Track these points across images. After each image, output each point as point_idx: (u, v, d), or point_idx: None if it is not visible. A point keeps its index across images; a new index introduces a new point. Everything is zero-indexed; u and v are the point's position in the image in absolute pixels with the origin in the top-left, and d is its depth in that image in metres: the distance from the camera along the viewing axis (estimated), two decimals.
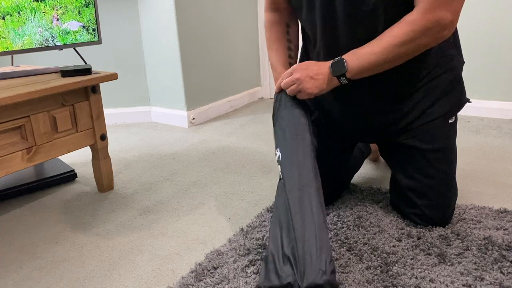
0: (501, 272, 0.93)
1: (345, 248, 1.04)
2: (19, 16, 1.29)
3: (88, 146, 1.42)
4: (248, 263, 1.00)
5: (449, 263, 0.97)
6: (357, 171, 1.44)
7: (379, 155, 1.61)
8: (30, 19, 1.31)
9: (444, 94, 1.11)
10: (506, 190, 1.33)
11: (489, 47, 2.03)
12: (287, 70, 1.12)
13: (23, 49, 1.33)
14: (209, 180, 1.54)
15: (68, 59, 2.18)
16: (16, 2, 1.28)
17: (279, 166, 1.01)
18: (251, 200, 1.36)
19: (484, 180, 1.42)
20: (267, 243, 0.97)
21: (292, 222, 0.89)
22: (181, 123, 2.25)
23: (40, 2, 1.32)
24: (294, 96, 1.08)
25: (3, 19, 1.26)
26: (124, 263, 1.07)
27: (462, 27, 2.04)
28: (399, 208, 1.17)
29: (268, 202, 1.34)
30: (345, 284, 0.92)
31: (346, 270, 0.96)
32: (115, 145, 1.99)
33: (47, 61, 2.18)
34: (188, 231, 1.21)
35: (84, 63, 1.47)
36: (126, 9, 2.20)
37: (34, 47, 1.35)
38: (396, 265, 0.97)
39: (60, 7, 1.36)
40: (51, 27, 1.36)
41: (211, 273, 0.98)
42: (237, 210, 1.31)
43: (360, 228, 1.13)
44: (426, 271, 0.95)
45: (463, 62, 1.15)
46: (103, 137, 1.43)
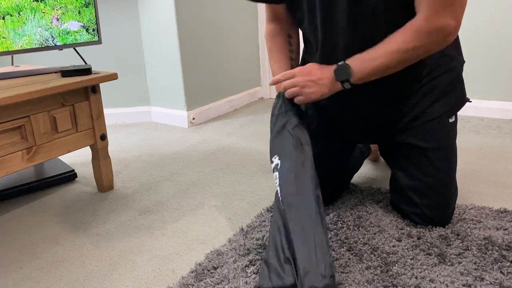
0: (501, 272, 0.93)
1: (345, 248, 1.04)
2: (19, 16, 1.29)
3: (88, 146, 1.42)
4: (248, 263, 1.00)
5: (449, 263, 0.97)
6: (357, 171, 1.44)
7: (379, 155, 1.61)
8: (30, 19, 1.31)
9: (445, 94, 1.11)
10: (506, 190, 1.33)
11: (489, 47, 2.03)
12: None
13: (23, 49, 1.33)
14: (209, 180, 1.54)
15: (68, 59, 2.18)
16: (16, 2, 1.28)
17: (276, 173, 0.98)
18: (251, 200, 1.36)
19: (484, 180, 1.42)
20: (267, 244, 0.97)
21: (291, 231, 0.89)
22: (181, 123, 2.25)
23: (40, 2, 1.32)
24: (293, 101, 1.08)
25: (3, 19, 1.26)
26: (124, 263, 1.07)
27: (462, 27, 2.03)
28: (399, 208, 1.17)
29: (268, 202, 1.34)
30: (345, 284, 0.92)
31: (346, 270, 0.96)
32: (115, 145, 1.99)
33: (47, 61, 2.18)
34: (188, 231, 1.21)
35: (84, 63, 1.47)
36: (126, 9, 2.20)
37: (34, 47, 1.35)
38: (396, 265, 0.97)
39: (60, 7, 1.36)
40: (51, 27, 1.36)
41: (211, 273, 0.98)
42: (237, 210, 1.31)
43: (360, 228, 1.13)
44: (426, 271, 0.95)
45: (463, 62, 1.15)
46: (103, 137, 1.43)
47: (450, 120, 1.13)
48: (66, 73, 1.33)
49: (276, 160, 1.00)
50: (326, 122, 1.29)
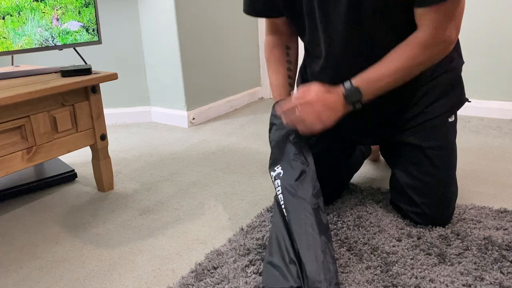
0: (501, 272, 0.93)
1: (345, 248, 1.04)
2: (19, 16, 1.29)
3: (88, 146, 1.42)
4: (248, 263, 1.00)
5: (449, 263, 0.97)
6: (357, 171, 1.44)
7: (379, 155, 1.61)
8: (30, 19, 1.31)
9: (444, 94, 1.12)
10: (506, 190, 1.33)
11: (489, 47, 2.03)
12: (285, 90, 1.14)
13: (23, 49, 1.33)
14: (209, 180, 1.54)
15: (68, 59, 2.18)
16: (16, 2, 1.28)
17: (278, 181, 1.01)
18: (251, 200, 1.36)
19: (484, 180, 1.42)
20: (268, 244, 0.97)
21: (294, 236, 0.91)
22: (181, 123, 2.25)
23: (40, 2, 1.32)
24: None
25: (3, 19, 1.26)
26: (124, 263, 1.07)
27: (462, 27, 2.03)
28: (399, 207, 1.17)
29: (268, 202, 1.34)
30: (345, 284, 0.92)
31: (346, 270, 0.96)
32: (115, 145, 1.99)
33: (47, 61, 2.18)
34: (188, 231, 1.21)
35: (84, 63, 1.47)
36: (126, 9, 2.20)
37: (34, 47, 1.35)
38: (396, 265, 0.97)
39: (60, 7, 1.36)
40: (51, 27, 1.36)
41: (211, 273, 0.98)
42: (237, 210, 1.31)
43: (360, 228, 1.13)
44: (426, 271, 0.95)
45: (463, 63, 1.16)
46: (103, 137, 1.43)
47: (450, 120, 1.13)
48: (66, 73, 1.33)
49: (278, 169, 1.03)
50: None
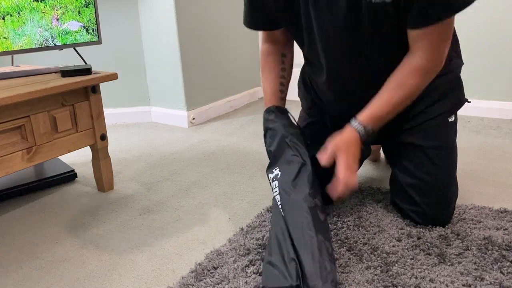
0: (501, 272, 0.93)
1: (345, 248, 1.04)
2: (19, 16, 1.29)
3: (88, 146, 1.42)
4: (248, 263, 1.00)
5: (449, 263, 0.97)
6: (356, 171, 1.44)
7: (379, 155, 1.61)
8: (30, 19, 1.31)
9: (444, 94, 1.13)
10: (506, 190, 1.33)
11: (489, 47, 2.03)
12: (276, 98, 1.19)
13: (23, 49, 1.33)
14: (209, 180, 1.54)
15: (68, 59, 2.18)
16: (16, 2, 1.28)
17: (276, 182, 1.03)
18: (251, 200, 1.36)
19: (484, 180, 1.42)
20: (268, 244, 0.97)
21: (292, 236, 0.91)
22: (181, 123, 2.25)
23: (40, 2, 1.32)
24: (286, 114, 1.15)
25: (3, 19, 1.26)
26: (124, 263, 1.07)
27: (462, 27, 2.04)
28: (399, 207, 1.17)
29: (268, 202, 1.34)
30: (345, 284, 0.92)
31: (346, 270, 0.96)
32: (115, 145, 1.99)
33: (47, 61, 2.18)
34: (188, 231, 1.21)
35: (84, 63, 1.47)
36: (126, 9, 2.20)
37: (34, 47, 1.35)
38: (396, 265, 0.97)
39: (60, 7, 1.36)
40: (51, 27, 1.36)
41: (211, 273, 0.98)
42: (237, 210, 1.31)
43: (360, 228, 1.13)
44: (426, 271, 0.95)
45: (462, 64, 1.17)
46: (103, 137, 1.43)
47: (450, 120, 1.14)
48: (66, 73, 1.33)
49: (276, 171, 1.05)
50: (328, 122, 1.30)
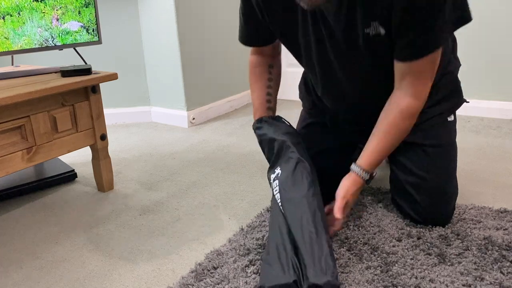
0: (501, 272, 0.93)
1: (345, 248, 1.04)
2: (19, 16, 1.29)
3: (88, 146, 1.42)
4: (248, 263, 1.00)
5: (449, 263, 0.97)
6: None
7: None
8: (30, 19, 1.31)
9: (443, 96, 1.14)
10: (506, 190, 1.33)
11: (489, 47, 2.03)
12: (264, 109, 1.21)
13: (23, 49, 1.33)
14: (209, 180, 1.54)
15: (68, 59, 2.18)
16: (16, 2, 1.28)
17: (276, 181, 1.04)
18: (251, 200, 1.36)
19: (484, 180, 1.42)
20: (267, 244, 0.97)
21: (293, 232, 0.92)
22: (181, 123, 2.25)
23: (40, 2, 1.32)
24: (280, 120, 1.19)
25: (3, 19, 1.26)
26: (124, 263, 1.07)
27: (462, 27, 2.03)
28: (399, 205, 1.17)
29: (268, 202, 1.34)
30: (345, 284, 0.92)
31: (346, 270, 0.96)
32: (115, 145, 1.99)
33: (47, 61, 2.18)
34: (188, 231, 1.21)
35: (84, 63, 1.47)
36: (126, 9, 2.20)
37: (34, 47, 1.35)
38: (396, 265, 0.97)
39: (60, 7, 1.36)
40: (50, 27, 1.36)
41: (211, 273, 0.98)
42: (237, 210, 1.31)
43: (360, 228, 1.13)
44: (426, 271, 0.95)
45: (459, 65, 1.20)
46: (103, 137, 1.43)
47: (449, 119, 1.16)
48: (66, 73, 1.33)
49: (277, 170, 1.07)
50: (328, 122, 1.30)
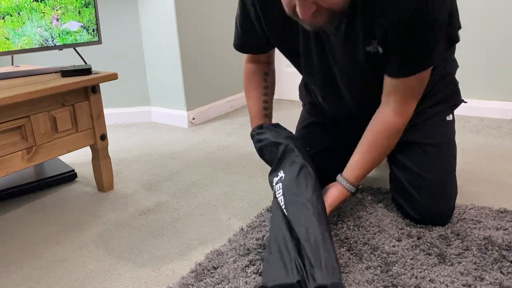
0: (501, 272, 0.93)
1: (345, 248, 1.04)
2: (19, 16, 1.29)
3: (88, 146, 1.42)
4: (248, 263, 1.00)
5: (449, 263, 0.97)
6: None
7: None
8: (30, 19, 1.31)
9: (441, 97, 1.16)
10: (506, 190, 1.33)
11: (489, 47, 2.03)
12: (261, 117, 1.25)
13: (23, 49, 1.33)
14: (209, 180, 1.54)
15: (68, 59, 2.18)
16: (16, 2, 1.28)
17: (280, 184, 1.04)
18: (251, 200, 1.36)
19: (484, 180, 1.42)
20: (268, 244, 0.97)
21: (297, 233, 0.92)
22: (181, 123, 2.25)
23: (40, 2, 1.32)
24: (280, 126, 1.20)
25: (3, 19, 1.26)
26: (124, 263, 1.07)
27: (462, 27, 2.03)
28: (399, 204, 1.18)
29: (268, 202, 1.34)
30: (345, 284, 0.92)
31: (346, 270, 0.96)
32: (115, 145, 1.99)
33: (47, 61, 2.18)
34: (188, 231, 1.21)
35: (84, 63, 1.47)
36: (126, 9, 2.19)
37: (34, 47, 1.35)
38: (396, 265, 0.97)
39: (60, 7, 1.36)
40: (50, 28, 1.36)
41: (211, 273, 0.98)
42: (237, 210, 1.31)
43: (360, 228, 1.13)
44: (426, 271, 0.95)
45: (457, 67, 1.22)
46: (103, 137, 1.43)
47: (448, 118, 1.17)
48: (66, 73, 1.33)
49: (281, 173, 1.07)
50: (328, 122, 1.30)
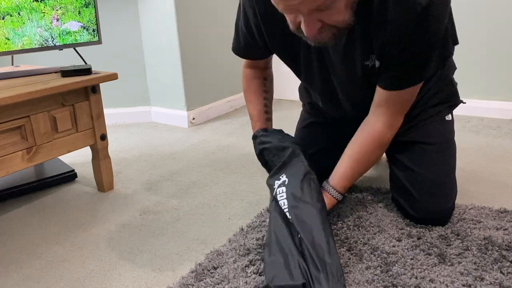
0: (501, 272, 0.93)
1: (345, 248, 1.04)
2: (19, 16, 1.29)
3: (88, 146, 1.42)
4: (248, 263, 1.00)
5: (449, 263, 0.97)
6: None
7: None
8: (30, 20, 1.31)
9: (440, 97, 1.17)
10: (506, 190, 1.33)
11: (489, 47, 2.03)
12: (263, 121, 1.25)
13: (23, 49, 1.33)
14: (209, 180, 1.54)
15: (68, 59, 2.18)
16: (16, 2, 1.28)
17: (284, 188, 1.02)
18: (251, 200, 1.36)
19: (484, 180, 1.42)
20: (268, 245, 0.97)
21: (302, 236, 0.91)
22: (181, 123, 2.25)
23: (40, 2, 1.32)
24: (282, 132, 1.21)
25: (3, 19, 1.26)
26: (124, 263, 1.07)
27: (462, 26, 2.03)
28: (399, 203, 1.18)
29: (268, 202, 1.34)
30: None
31: (346, 270, 0.96)
32: (115, 145, 1.99)
33: (47, 61, 2.18)
34: (188, 231, 1.21)
35: (84, 63, 1.47)
36: (126, 9, 2.19)
37: (34, 47, 1.35)
38: (396, 265, 0.97)
39: (60, 7, 1.36)
40: (50, 28, 1.36)
41: (211, 273, 0.98)
42: (237, 210, 1.31)
43: (360, 228, 1.13)
44: (426, 271, 0.95)
45: (455, 68, 1.22)
46: (103, 137, 1.43)
47: (447, 118, 1.18)
48: (66, 73, 1.33)
49: (283, 178, 1.06)
50: (327, 123, 1.31)
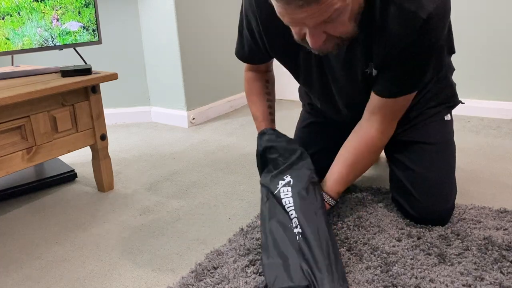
0: (501, 272, 0.93)
1: (345, 248, 1.04)
2: (19, 16, 1.29)
3: (88, 146, 1.42)
4: (248, 263, 1.00)
5: (449, 263, 0.97)
6: None
7: (379, 155, 1.61)
8: (30, 20, 1.31)
9: (440, 98, 1.18)
10: (506, 190, 1.33)
11: (489, 47, 2.03)
12: (268, 121, 1.24)
13: (23, 49, 1.33)
14: (209, 180, 1.54)
15: (68, 59, 2.18)
16: (16, 2, 1.28)
17: (289, 188, 1.02)
18: (251, 200, 1.36)
19: (484, 180, 1.42)
20: (266, 246, 0.97)
21: (308, 241, 0.91)
22: (181, 123, 2.25)
23: (40, 2, 1.32)
24: (279, 134, 1.20)
25: (3, 19, 1.26)
26: (124, 263, 1.07)
27: (462, 26, 2.04)
28: (399, 203, 1.18)
29: None
30: None
31: (346, 270, 0.96)
32: (115, 145, 1.99)
33: (47, 61, 2.18)
34: (188, 231, 1.21)
35: (84, 63, 1.47)
36: (126, 9, 2.19)
37: (34, 47, 1.35)
38: (396, 265, 0.97)
39: (60, 7, 1.36)
40: (50, 28, 1.36)
41: (211, 273, 0.98)
42: (237, 210, 1.31)
43: (360, 228, 1.13)
44: (426, 271, 0.95)
45: (454, 69, 1.23)
46: (103, 137, 1.43)
47: (446, 118, 1.19)
48: (66, 73, 1.33)
49: (288, 178, 1.06)
50: (327, 123, 1.31)
